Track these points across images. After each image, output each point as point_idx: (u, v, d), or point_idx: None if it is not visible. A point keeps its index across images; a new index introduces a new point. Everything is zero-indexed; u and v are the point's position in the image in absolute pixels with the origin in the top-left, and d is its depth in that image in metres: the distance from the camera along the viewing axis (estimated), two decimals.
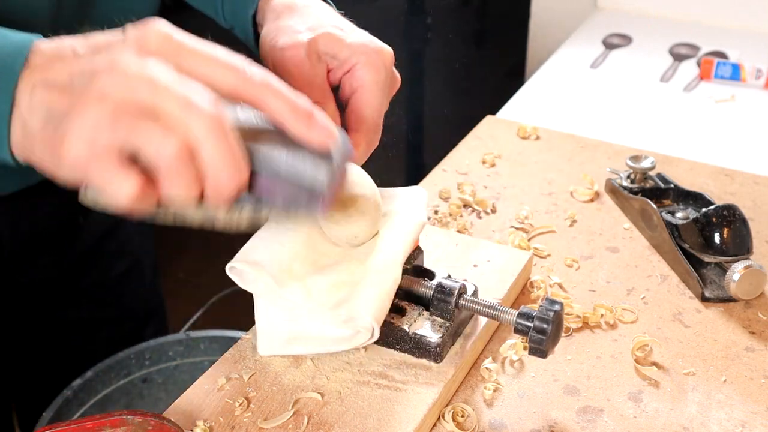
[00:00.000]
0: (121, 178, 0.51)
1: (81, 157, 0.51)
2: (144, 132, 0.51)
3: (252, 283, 0.66)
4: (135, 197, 0.52)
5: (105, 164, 0.51)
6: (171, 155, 0.51)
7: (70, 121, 0.51)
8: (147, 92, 0.51)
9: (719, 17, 1.60)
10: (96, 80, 0.51)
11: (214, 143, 0.51)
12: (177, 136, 0.51)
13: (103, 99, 0.51)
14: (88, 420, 0.60)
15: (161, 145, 0.50)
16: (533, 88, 1.37)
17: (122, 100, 0.51)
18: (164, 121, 0.51)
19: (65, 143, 0.51)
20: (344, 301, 0.65)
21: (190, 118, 0.51)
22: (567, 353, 0.74)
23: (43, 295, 1.02)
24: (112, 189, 0.52)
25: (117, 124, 0.50)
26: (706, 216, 0.81)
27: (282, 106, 0.56)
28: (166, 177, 0.52)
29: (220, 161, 0.52)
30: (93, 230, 1.02)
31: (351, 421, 0.64)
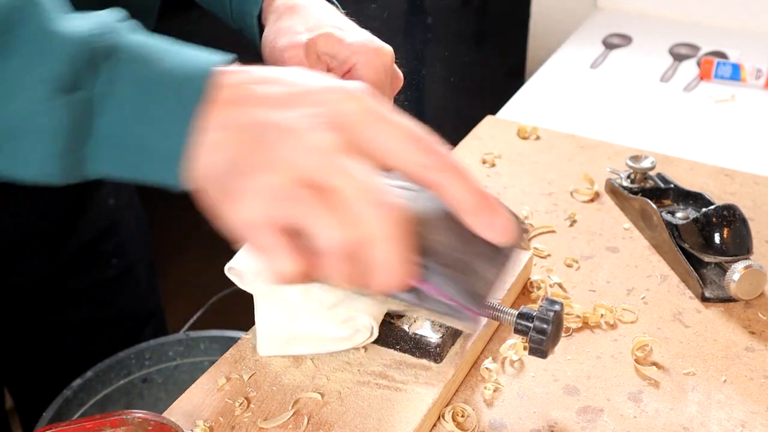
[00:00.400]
0: (285, 253, 0.49)
1: (251, 219, 0.49)
2: (318, 213, 0.48)
3: (251, 283, 0.66)
4: (293, 277, 0.50)
5: (268, 236, 0.49)
6: (339, 247, 0.48)
7: (248, 180, 0.48)
8: (328, 168, 0.48)
9: (719, 17, 1.60)
10: (281, 140, 0.48)
11: (387, 248, 0.48)
12: (351, 230, 0.48)
13: (285, 166, 0.48)
14: (88, 420, 0.60)
15: (330, 233, 0.48)
16: (533, 88, 1.37)
17: (300, 171, 0.48)
18: (339, 208, 0.48)
19: (239, 201, 0.49)
20: (342, 301, 0.65)
21: (368, 212, 0.48)
22: (567, 353, 0.74)
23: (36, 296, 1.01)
24: (274, 261, 0.49)
25: (293, 197, 0.48)
26: (706, 216, 0.81)
27: (468, 198, 0.51)
28: (328, 265, 0.49)
29: (387, 267, 0.49)
30: (86, 232, 1.02)
31: (351, 421, 0.64)
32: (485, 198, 0.52)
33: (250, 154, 0.49)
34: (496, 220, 0.52)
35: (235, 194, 0.49)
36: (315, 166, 0.48)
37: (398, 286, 0.50)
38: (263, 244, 0.49)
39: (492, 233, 0.52)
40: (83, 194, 0.99)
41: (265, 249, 0.49)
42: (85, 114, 0.49)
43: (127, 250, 1.09)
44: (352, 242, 0.48)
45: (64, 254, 1.00)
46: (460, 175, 0.51)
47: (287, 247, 0.49)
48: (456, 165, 0.51)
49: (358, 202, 0.48)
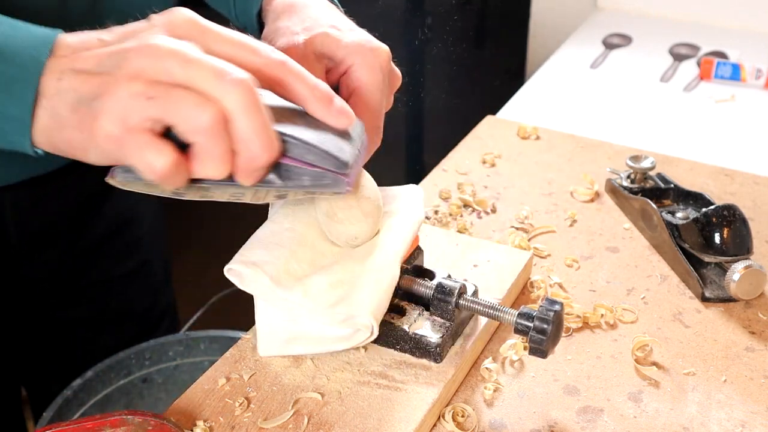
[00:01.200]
0: (155, 151, 0.52)
1: (114, 134, 0.52)
2: (178, 104, 0.51)
3: (251, 284, 0.66)
4: (168, 170, 0.53)
5: (139, 139, 0.52)
6: (205, 126, 0.51)
7: (103, 100, 0.52)
8: (180, 67, 0.52)
9: (719, 17, 1.60)
10: (128, 60, 0.52)
11: (249, 115, 0.52)
12: (211, 107, 0.51)
13: (136, 77, 0.51)
14: (88, 420, 0.61)
15: (195, 117, 0.51)
16: (533, 88, 1.37)
17: (155, 76, 0.51)
18: (198, 94, 0.51)
19: (98, 121, 0.52)
20: (342, 300, 0.65)
21: (224, 89, 0.51)
22: (567, 353, 0.74)
23: (51, 290, 1.02)
24: (145, 163, 0.52)
25: (151, 99, 0.51)
26: (706, 216, 0.81)
27: (304, 89, 0.57)
28: (199, 149, 0.53)
29: (254, 133, 0.53)
30: (103, 226, 1.02)
31: (351, 421, 0.64)
32: (321, 88, 0.58)
33: (95, 82, 0.53)
34: (334, 106, 0.58)
35: (92, 119, 0.52)
36: (159, 69, 0.52)
37: (265, 156, 0.54)
38: (133, 147, 0.52)
39: (332, 117, 0.58)
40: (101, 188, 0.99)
41: (136, 154, 0.52)
42: None
43: (143, 245, 1.09)
44: (216, 119, 0.52)
45: (80, 248, 1.01)
46: (295, 71, 0.57)
47: (154, 142, 0.52)
48: (290, 63, 0.57)
49: (214, 82, 0.52)
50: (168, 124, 0.52)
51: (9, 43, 0.54)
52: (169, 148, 0.52)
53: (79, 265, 1.02)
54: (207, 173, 0.54)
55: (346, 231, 0.67)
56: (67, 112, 0.53)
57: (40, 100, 0.54)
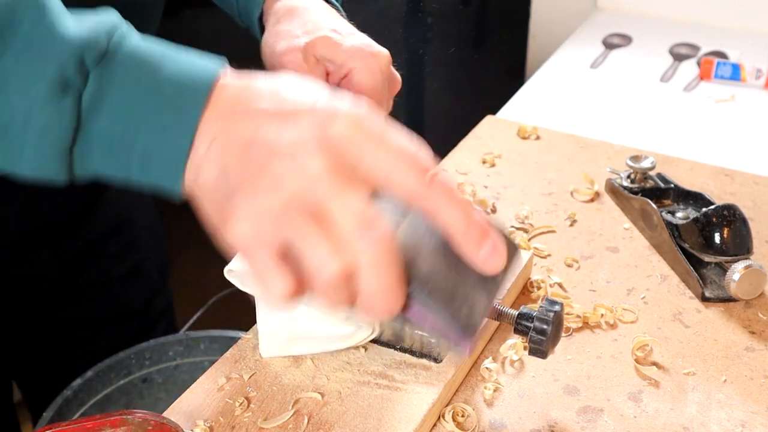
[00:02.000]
0: (278, 275, 0.49)
1: (244, 240, 0.49)
2: (311, 240, 0.48)
3: (251, 284, 0.66)
4: (285, 296, 0.50)
5: (265, 256, 0.49)
6: (330, 275, 0.48)
7: (240, 200, 0.49)
8: (324, 194, 0.48)
9: (719, 17, 1.60)
10: (276, 161, 0.49)
11: (376, 276, 0.49)
12: (342, 257, 0.48)
13: (278, 187, 0.48)
14: (88, 420, 0.60)
15: (324, 262, 0.48)
16: (533, 88, 1.37)
17: (297, 195, 0.48)
18: (334, 235, 0.48)
19: (232, 221, 0.49)
20: None
21: (361, 243, 0.48)
22: (567, 353, 0.74)
23: (45, 291, 1.01)
24: (266, 281, 0.50)
25: (286, 221, 0.48)
26: (706, 216, 0.81)
27: (459, 222, 0.51)
28: (319, 289, 0.50)
29: (377, 294, 0.49)
30: (98, 226, 1.02)
31: (351, 421, 0.64)
32: (476, 223, 0.51)
33: (242, 170, 0.49)
34: (487, 245, 0.51)
35: (228, 212, 0.49)
36: (306, 191, 0.48)
37: (384, 312, 0.51)
38: (256, 264, 0.50)
39: (482, 261, 0.52)
40: (96, 188, 0.99)
41: (257, 268, 0.50)
42: (74, 117, 0.50)
43: (139, 245, 1.09)
44: (342, 269, 0.48)
45: (74, 248, 1.00)
46: (452, 198, 0.51)
47: (279, 268, 0.49)
48: (448, 188, 0.51)
49: (348, 230, 0.48)
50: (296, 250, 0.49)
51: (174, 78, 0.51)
52: (291, 275, 0.49)
53: (76, 265, 1.02)
54: (324, 305, 0.51)
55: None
56: (210, 182, 0.50)
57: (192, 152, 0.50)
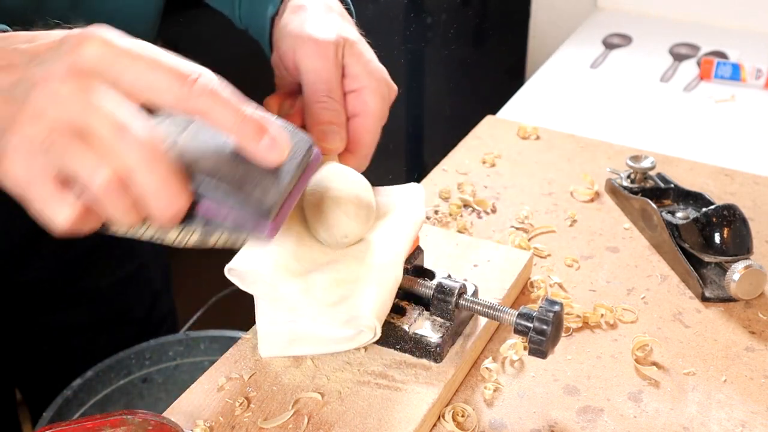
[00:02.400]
0: (58, 202, 0.50)
1: (20, 177, 0.50)
2: (77, 157, 0.49)
3: (252, 284, 0.66)
4: (73, 222, 0.51)
5: (42, 187, 0.50)
6: (103, 183, 0.49)
7: (9, 138, 0.50)
8: (80, 112, 0.49)
9: (719, 17, 1.60)
10: (33, 94, 0.50)
11: (148, 173, 0.50)
12: (109, 163, 0.49)
13: (37, 117, 0.50)
14: (88, 420, 0.60)
15: (93, 173, 0.49)
16: (533, 88, 1.37)
17: (56, 120, 0.49)
18: (97, 147, 0.49)
19: (6, 160, 0.50)
20: (344, 299, 0.65)
21: (122, 146, 0.49)
22: (567, 353, 0.74)
23: (45, 296, 1.01)
24: (49, 213, 0.51)
25: (51, 147, 0.49)
26: (706, 216, 0.81)
27: (230, 119, 0.52)
28: (101, 203, 0.51)
29: (155, 190, 0.50)
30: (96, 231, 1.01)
31: (351, 421, 0.64)
32: (249, 119, 0.52)
33: (7, 109, 0.51)
34: (265, 137, 0.53)
35: (2, 154, 0.50)
36: (63, 113, 0.50)
37: (170, 210, 0.51)
38: (38, 197, 0.50)
39: (261, 150, 0.53)
40: None
41: (40, 201, 0.50)
42: None
43: (139, 249, 1.09)
44: (114, 177, 0.49)
45: (75, 252, 1.00)
46: (217, 98, 0.52)
47: (60, 193, 0.50)
48: (212, 89, 0.52)
49: (108, 137, 0.49)
50: (70, 174, 0.50)
51: None
52: (72, 199, 0.50)
53: (77, 269, 1.02)
54: (114, 220, 0.52)
55: (337, 228, 0.67)
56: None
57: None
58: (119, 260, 1.06)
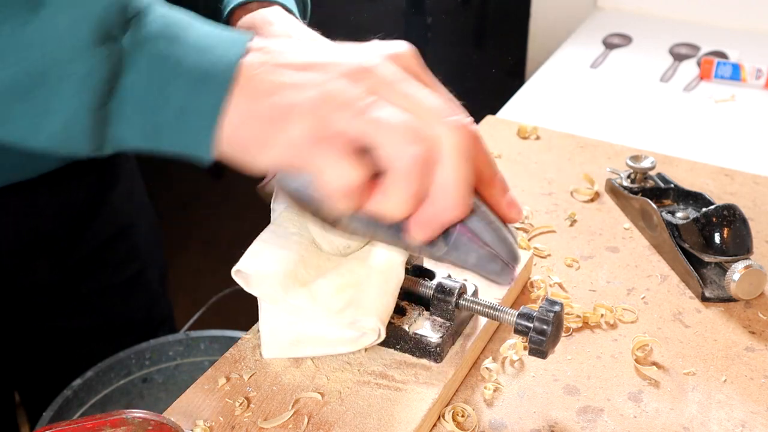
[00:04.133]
0: (348, 165, 0.48)
1: (305, 138, 0.48)
2: (390, 128, 0.47)
3: (257, 287, 0.65)
4: (352, 190, 0.49)
5: (333, 148, 0.48)
6: (412, 158, 0.47)
7: (304, 99, 0.48)
8: (402, 95, 0.48)
9: (719, 17, 1.60)
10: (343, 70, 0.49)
11: (459, 164, 0.48)
12: (424, 144, 0.48)
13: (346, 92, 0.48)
14: (88, 420, 0.60)
15: (405, 146, 0.47)
16: (533, 88, 1.37)
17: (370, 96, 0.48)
18: (414, 128, 0.48)
19: (291, 121, 0.48)
20: (349, 304, 0.65)
21: (445, 129, 0.48)
22: (567, 353, 0.74)
23: (44, 299, 1.01)
24: (333, 175, 0.48)
25: (363, 112, 0.48)
26: (706, 216, 0.81)
27: (488, 168, 0.53)
28: (392, 182, 0.48)
29: (456, 185, 0.49)
30: (99, 235, 1.02)
31: (351, 421, 0.64)
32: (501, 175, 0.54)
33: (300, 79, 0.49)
34: (510, 197, 0.55)
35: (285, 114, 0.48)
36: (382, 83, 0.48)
37: (453, 213, 0.50)
38: (325, 156, 0.48)
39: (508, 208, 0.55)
40: (97, 196, 0.99)
41: (328, 160, 0.48)
42: (113, 68, 0.49)
43: (139, 253, 1.09)
44: (424, 156, 0.47)
45: (76, 257, 1.00)
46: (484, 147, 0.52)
47: (350, 154, 0.48)
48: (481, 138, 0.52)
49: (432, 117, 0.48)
50: (370, 145, 0.48)
51: (206, 39, 0.51)
52: (363, 166, 0.48)
53: (77, 273, 1.01)
54: (386, 208, 0.50)
55: (338, 240, 0.67)
56: (256, 104, 0.49)
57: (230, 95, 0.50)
58: (120, 264, 1.06)
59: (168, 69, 0.50)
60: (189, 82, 0.50)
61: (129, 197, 1.05)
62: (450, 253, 0.54)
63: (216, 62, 0.50)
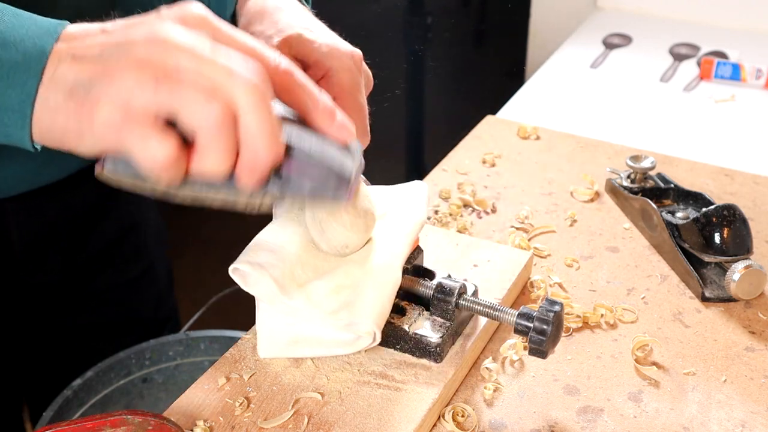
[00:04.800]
0: (157, 140, 0.50)
1: (114, 120, 0.50)
2: (187, 94, 0.50)
3: (255, 286, 0.65)
4: (169, 162, 0.51)
5: (140, 127, 0.50)
6: (213, 119, 0.50)
7: (104, 85, 0.50)
8: (191, 60, 0.50)
9: (719, 17, 1.60)
10: (135, 48, 0.51)
11: (257, 112, 0.51)
12: (220, 101, 0.50)
13: (142, 65, 0.50)
14: (88, 420, 0.60)
15: (204, 108, 0.50)
16: (533, 88, 1.37)
17: (163, 66, 0.50)
18: (207, 88, 0.50)
19: (98, 106, 0.50)
20: (345, 306, 0.65)
21: (234, 84, 0.50)
22: (567, 353, 0.74)
23: (53, 298, 1.01)
24: (146, 152, 0.51)
25: (159, 86, 0.50)
26: (706, 216, 0.81)
27: (308, 100, 0.56)
28: (203, 143, 0.51)
29: (262, 132, 0.51)
30: (107, 233, 1.02)
31: (351, 421, 0.64)
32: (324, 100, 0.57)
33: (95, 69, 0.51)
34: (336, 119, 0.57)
35: (90, 104, 0.51)
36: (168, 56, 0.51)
37: (270, 155, 0.53)
38: (134, 135, 0.50)
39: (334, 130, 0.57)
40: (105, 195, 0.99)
41: (135, 142, 0.51)
42: None
43: (147, 251, 1.09)
44: (224, 114, 0.50)
45: (85, 255, 1.00)
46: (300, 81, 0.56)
47: (159, 132, 0.50)
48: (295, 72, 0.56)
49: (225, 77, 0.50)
50: (172, 114, 0.51)
51: (13, 32, 0.53)
52: (171, 138, 0.51)
53: (85, 272, 1.02)
54: (207, 168, 0.52)
55: (336, 240, 0.67)
56: (63, 97, 0.52)
57: (40, 89, 0.52)
58: (128, 261, 1.06)
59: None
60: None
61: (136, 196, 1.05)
62: (284, 190, 0.56)
63: (23, 57, 0.52)
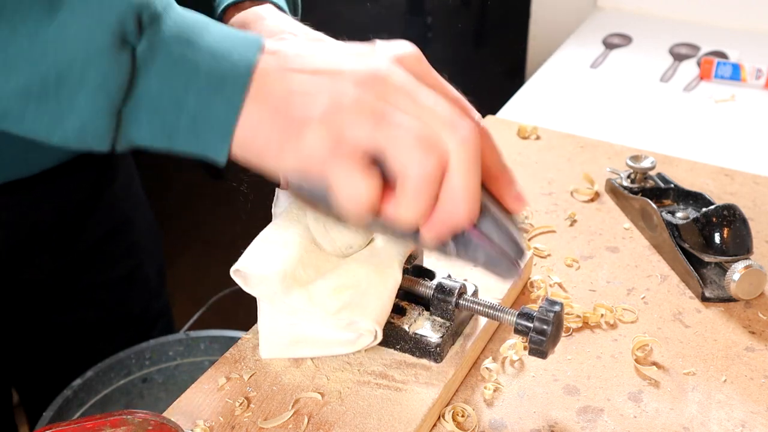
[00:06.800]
0: (361, 177, 0.49)
1: (323, 148, 0.49)
2: (403, 140, 0.48)
3: (256, 287, 0.65)
4: (368, 203, 0.50)
5: (348, 160, 0.49)
6: (425, 171, 0.48)
7: (317, 109, 0.49)
8: (412, 104, 0.49)
9: (719, 17, 1.60)
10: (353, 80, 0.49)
11: (468, 173, 0.49)
12: (436, 154, 0.48)
13: (362, 99, 0.49)
14: (88, 420, 0.60)
15: (418, 159, 0.48)
16: (533, 88, 1.37)
17: (383, 105, 0.49)
18: (426, 137, 0.48)
19: (306, 132, 0.49)
20: (346, 306, 0.65)
21: (453, 140, 0.49)
22: (567, 353, 0.74)
23: (41, 295, 1.01)
24: (348, 188, 0.49)
25: (376, 125, 0.48)
26: (706, 216, 0.81)
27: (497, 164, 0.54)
28: (407, 191, 0.49)
29: (465, 192, 0.50)
30: (97, 230, 1.02)
31: (351, 421, 0.64)
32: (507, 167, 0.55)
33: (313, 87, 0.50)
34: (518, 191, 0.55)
35: (301, 124, 0.49)
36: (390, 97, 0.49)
37: (462, 219, 0.51)
38: (340, 169, 0.49)
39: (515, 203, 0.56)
40: (94, 192, 0.99)
41: (342, 173, 0.49)
42: (129, 72, 0.50)
43: (137, 249, 1.09)
44: (438, 167, 0.48)
45: (74, 252, 1.00)
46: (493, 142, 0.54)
47: (363, 169, 0.49)
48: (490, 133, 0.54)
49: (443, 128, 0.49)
50: (381, 154, 0.49)
51: (221, 43, 0.52)
52: (375, 178, 0.49)
53: (75, 269, 1.02)
54: (401, 215, 0.51)
55: (340, 240, 0.67)
56: (269, 113, 0.50)
57: (245, 101, 0.51)
58: (118, 259, 1.06)
59: (183, 74, 0.51)
60: (204, 87, 0.51)
61: (127, 193, 1.06)
62: (460, 253, 0.56)
63: (231, 68, 0.51)
